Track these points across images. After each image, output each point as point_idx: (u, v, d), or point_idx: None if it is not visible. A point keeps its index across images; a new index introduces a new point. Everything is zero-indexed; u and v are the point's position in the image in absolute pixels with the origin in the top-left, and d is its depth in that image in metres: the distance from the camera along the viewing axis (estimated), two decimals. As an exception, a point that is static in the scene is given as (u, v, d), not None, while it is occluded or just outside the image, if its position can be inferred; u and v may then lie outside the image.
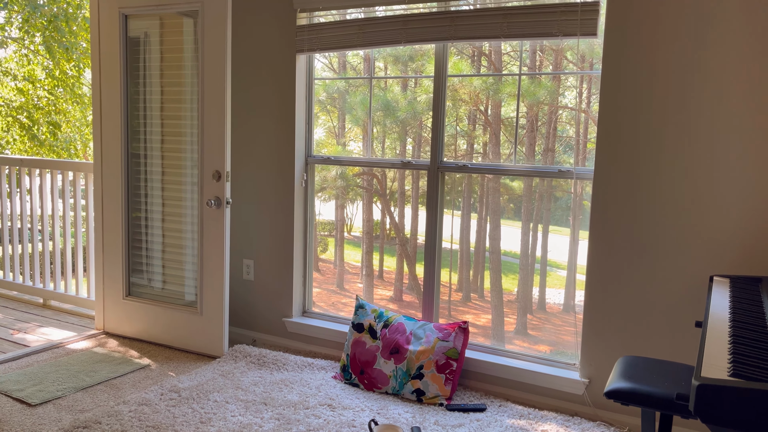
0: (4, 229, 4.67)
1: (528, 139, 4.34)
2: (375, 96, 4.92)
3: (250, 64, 3.65)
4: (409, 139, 5.29)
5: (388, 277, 5.67)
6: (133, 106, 3.64)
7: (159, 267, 3.68)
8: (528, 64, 4.85)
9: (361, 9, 3.34)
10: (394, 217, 5.67)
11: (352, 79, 5.09)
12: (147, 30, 3.57)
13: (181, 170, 3.54)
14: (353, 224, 6.34)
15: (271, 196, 3.67)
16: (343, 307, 5.56)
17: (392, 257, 5.70)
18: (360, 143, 5.65)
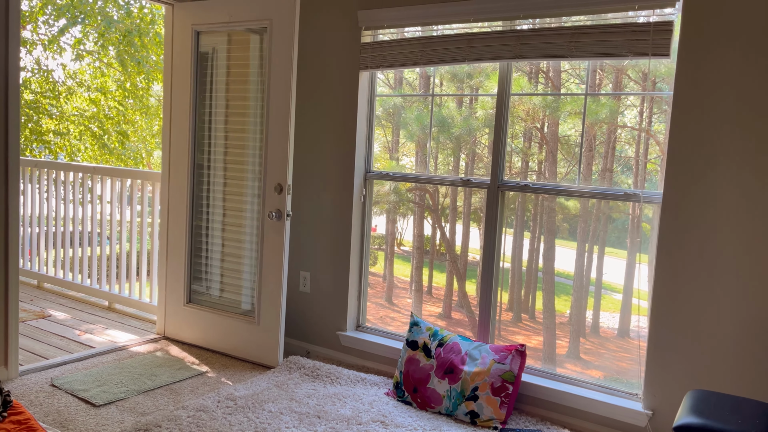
0: (75, 233, 4.88)
1: (586, 158, 4.25)
2: (430, 113, 4.90)
3: (314, 80, 3.73)
4: (462, 155, 5.25)
5: (437, 294, 5.61)
6: (199, 119, 3.76)
7: (218, 275, 3.77)
8: (588, 82, 4.77)
9: (426, 27, 3.36)
10: (445, 233, 5.59)
11: (410, 96, 5.09)
12: (215, 46, 3.69)
13: (243, 182, 3.62)
14: (403, 238, 6.34)
15: (330, 209, 3.72)
16: (391, 321, 5.52)
17: (441, 273, 5.64)
18: (412, 158, 5.70)
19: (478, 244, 5.19)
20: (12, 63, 2.97)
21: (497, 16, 3.07)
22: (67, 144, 10.34)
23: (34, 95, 9.98)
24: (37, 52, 10.43)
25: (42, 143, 10.14)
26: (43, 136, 10.12)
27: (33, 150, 10.26)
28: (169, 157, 3.85)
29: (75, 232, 4.90)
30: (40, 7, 9.39)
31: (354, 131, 3.59)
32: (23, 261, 5.21)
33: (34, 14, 9.55)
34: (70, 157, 10.59)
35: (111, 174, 4.66)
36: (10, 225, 3.05)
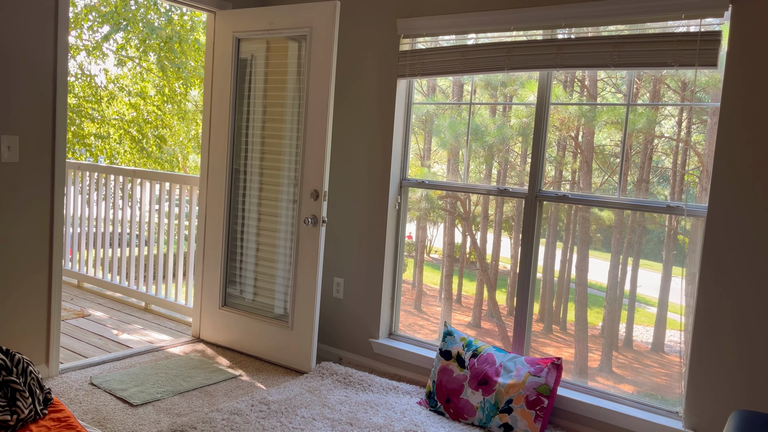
0: (114, 234, 4.99)
1: (621, 168, 4.19)
2: (464, 120, 4.90)
3: (351, 87, 3.75)
4: (494, 163, 5.21)
5: (466, 302, 5.54)
6: (237, 125, 3.81)
7: (252, 279, 3.80)
8: (630, 92, 4.69)
9: (464, 36, 3.35)
10: (476, 241, 5.55)
11: (445, 104, 5.09)
12: (254, 52, 3.74)
13: (279, 187, 3.66)
14: (433, 245, 6.31)
15: (365, 216, 3.72)
16: (419, 329, 5.50)
17: (471, 282, 5.59)
18: (444, 165, 5.70)
19: (508, 253, 5.21)
20: (60, 68, 3.06)
21: (537, 24, 3.04)
22: (107, 147, 10.60)
23: (77, 99, 10.27)
24: (81, 57, 10.74)
25: (83, 146, 10.42)
26: (84, 139, 10.40)
27: (75, 152, 10.55)
28: (208, 161, 3.92)
29: (114, 234, 5.01)
30: (85, 13, 9.67)
31: (390, 139, 3.60)
32: (64, 261, 5.35)
33: (78, 20, 9.84)
34: (109, 160, 10.86)
35: (150, 177, 4.75)
36: (54, 227, 3.13)
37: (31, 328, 3.09)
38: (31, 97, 2.97)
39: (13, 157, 2.93)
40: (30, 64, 2.94)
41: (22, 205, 2.99)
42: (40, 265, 3.10)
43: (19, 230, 2.99)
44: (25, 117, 2.96)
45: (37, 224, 3.06)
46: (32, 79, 2.96)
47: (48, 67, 3.01)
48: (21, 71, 2.91)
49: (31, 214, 3.03)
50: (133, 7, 9.39)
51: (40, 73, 2.98)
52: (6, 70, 2.86)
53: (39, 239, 3.08)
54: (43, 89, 3.01)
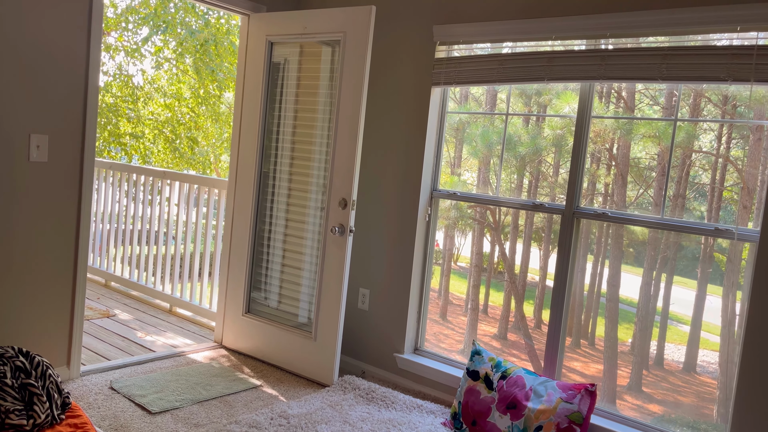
0: (142, 234, 4.99)
1: (658, 183, 4.04)
2: (497, 129, 4.85)
3: (384, 94, 3.66)
4: (525, 173, 5.12)
5: (493, 313, 5.44)
6: (268, 129, 3.75)
7: (276, 286, 3.73)
8: (662, 104, 4.53)
9: (503, 44, 3.23)
10: (505, 252, 5.46)
11: (480, 114, 4.98)
12: (287, 56, 3.68)
13: (307, 194, 3.58)
14: (460, 254, 6.24)
15: (393, 227, 3.62)
16: (444, 339, 5.39)
17: (498, 292, 5.49)
18: (474, 173, 5.66)
19: (537, 264, 5.12)
20: (92, 69, 3.04)
21: (581, 34, 2.91)
22: (141, 146, 10.73)
23: (114, 99, 10.42)
24: (120, 57, 10.90)
25: (119, 145, 10.57)
26: (120, 138, 10.54)
27: (110, 151, 10.70)
28: (237, 165, 3.87)
29: (142, 234, 5.01)
30: (126, 15, 9.81)
31: (422, 148, 3.49)
32: (93, 257, 5.37)
33: (119, 22, 9.99)
34: (143, 159, 10.99)
35: (179, 179, 4.74)
36: (81, 229, 3.11)
37: (53, 329, 3.07)
38: (62, 97, 2.95)
39: (42, 157, 2.92)
40: (62, 63, 2.92)
41: (49, 206, 2.97)
42: (65, 267, 3.08)
43: (45, 231, 2.98)
44: (55, 116, 2.94)
45: (63, 225, 3.04)
46: (64, 78, 2.94)
47: (80, 67, 2.99)
48: (52, 70, 2.90)
49: (57, 214, 3.01)
50: (171, 9, 9.50)
51: (71, 72, 2.96)
52: (37, 69, 2.85)
53: (65, 241, 3.05)
54: (74, 89, 2.99)
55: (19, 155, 2.84)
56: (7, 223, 2.84)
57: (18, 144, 2.83)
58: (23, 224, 2.89)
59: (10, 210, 2.84)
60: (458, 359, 3.54)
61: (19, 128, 2.82)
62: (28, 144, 2.86)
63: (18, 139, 2.83)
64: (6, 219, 2.83)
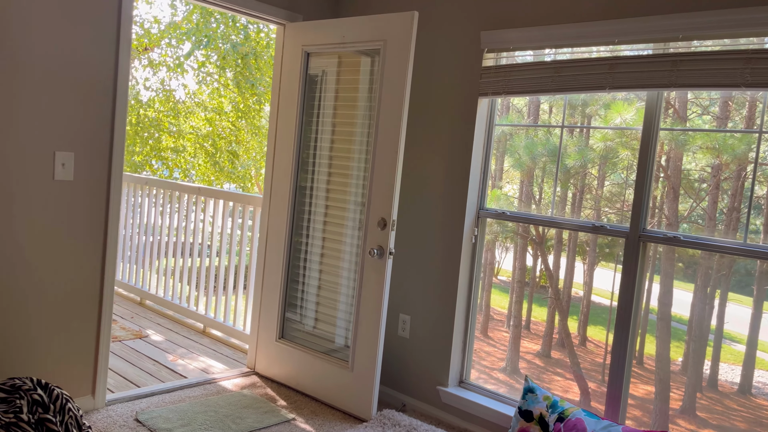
0: (176, 252, 4.86)
1: (711, 197, 3.78)
2: (541, 141, 4.68)
3: (426, 107, 3.41)
4: (570, 186, 4.93)
5: (535, 329, 5.22)
6: (304, 144, 3.56)
7: (312, 311, 3.51)
8: (719, 115, 4.25)
9: (558, 50, 2.95)
10: (548, 266, 5.28)
11: (533, 126, 4.74)
12: (324, 68, 3.49)
13: (345, 212, 3.36)
14: (501, 267, 6.08)
15: (436, 249, 3.36)
16: (485, 356, 5.16)
17: (541, 307, 5.30)
18: (516, 185, 5.51)
19: (581, 279, 4.94)
20: (120, 85, 2.89)
21: (648, 37, 2.61)
22: (181, 160, 10.76)
23: (156, 113, 10.49)
24: (162, 73, 11.00)
25: (160, 159, 10.62)
26: (161, 152, 10.60)
27: (152, 165, 10.77)
28: (272, 181, 3.68)
29: (177, 252, 4.88)
30: (168, 30, 9.88)
31: (468, 164, 3.23)
32: (128, 275, 5.28)
33: (162, 37, 10.07)
34: (184, 174, 11.02)
35: (214, 196, 4.59)
36: (107, 251, 2.95)
37: (78, 357, 2.91)
38: (88, 113, 2.81)
39: (68, 175, 2.78)
40: (89, 79, 2.79)
41: (74, 226, 2.82)
42: (91, 291, 2.92)
43: (70, 253, 2.83)
44: (81, 133, 2.80)
45: (89, 246, 2.89)
46: (91, 94, 2.80)
47: (108, 82, 2.85)
48: (79, 86, 2.76)
49: (83, 235, 2.86)
50: (213, 24, 9.51)
51: (99, 88, 2.83)
52: (64, 85, 2.71)
53: (91, 263, 2.90)
54: (101, 105, 2.85)
55: (44, 174, 2.71)
56: (30, 244, 2.70)
57: (42, 162, 2.70)
58: (47, 246, 2.75)
59: (33, 230, 2.70)
60: (502, 378, 3.24)
61: (43, 146, 2.69)
62: (53, 162, 2.73)
63: (42, 156, 2.70)
64: (29, 240, 2.69)
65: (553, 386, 5.25)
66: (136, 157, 10.42)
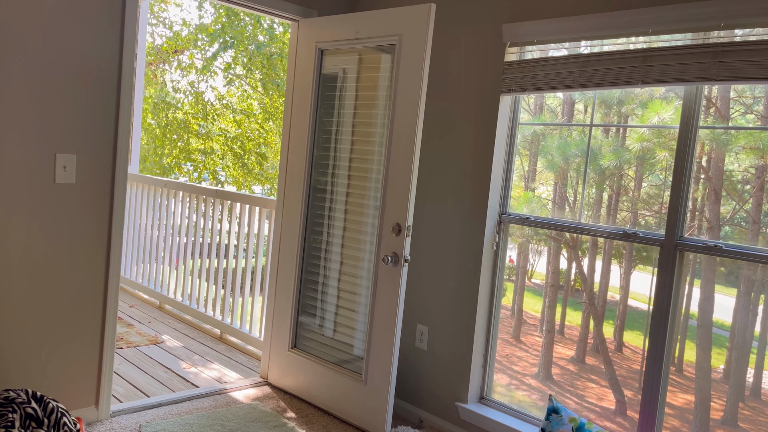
0: (195, 255, 4.77)
1: (755, 199, 3.57)
2: (575, 141, 4.47)
3: (445, 105, 3.22)
4: (605, 188, 4.77)
5: (569, 334, 4.98)
6: (320, 146, 3.40)
7: (325, 318, 3.35)
8: (763, 113, 4.01)
9: (589, 43, 2.73)
10: (582, 270, 5.05)
11: (560, 125, 4.51)
12: (346, 66, 3.33)
13: (362, 217, 3.20)
14: (535, 270, 5.86)
15: (455, 256, 3.17)
16: (517, 361, 5.05)
17: (575, 311, 5.03)
18: (549, 187, 5.23)
19: (617, 283, 4.77)
20: (124, 84, 2.79)
21: (686, 26, 2.37)
22: (210, 162, 10.77)
23: (185, 115, 10.52)
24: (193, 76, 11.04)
25: (189, 161, 10.65)
26: (191, 154, 10.62)
27: (182, 167, 10.81)
28: (285, 184, 3.54)
29: (195, 256, 4.79)
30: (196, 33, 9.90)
31: (489, 166, 3.03)
32: (147, 278, 5.22)
33: (192, 40, 10.10)
34: (212, 176, 11.03)
35: (231, 199, 4.48)
36: (111, 257, 2.85)
37: (80, 367, 2.81)
38: (91, 113, 2.71)
39: (69, 178, 2.68)
40: (90, 77, 2.68)
41: (76, 231, 2.72)
42: (94, 299, 2.82)
43: (72, 259, 2.73)
44: (83, 134, 2.70)
45: (92, 252, 2.78)
46: (93, 93, 2.70)
47: (111, 80, 2.74)
48: (80, 85, 2.66)
49: (85, 240, 2.76)
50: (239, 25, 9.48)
51: (101, 86, 2.72)
52: (64, 84, 2.62)
53: (93, 270, 2.80)
54: (105, 104, 2.74)
55: (44, 177, 2.61)
56: (29, 251, 2.60)
57: (42, 164, 2.60)
58: (47, 252, 2.65)
59: (32, 236, 2.61)
60: (534, 385, 3.02)
61: (43, 147, 2.60)
62: (53, 164, 2.63)
63: (43, 159, 2.60)
64: (29, 246, 2.60)
65: (587, 394, 5.05)
66: (166, 159, 10.47)
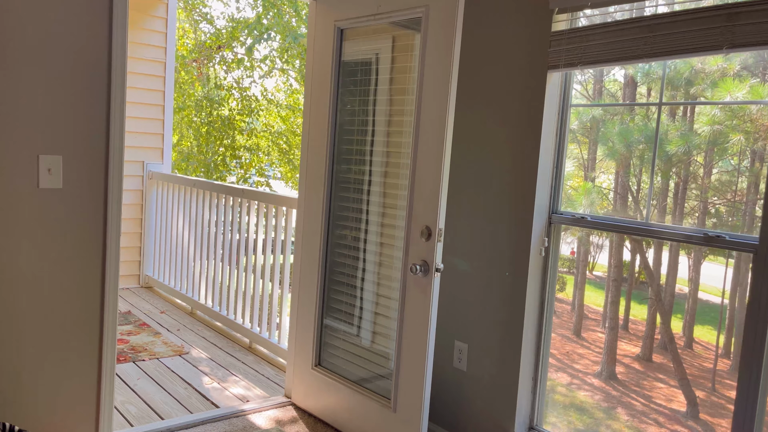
0: (224, 258, 4.50)
1: None
2: (637, 127, 4.18)
3: (480, 87, 2.77)
4: (672, 176, 4.50)
5: (634, 329, 4.77)
6: (342, 138, 3.01)
7: (353, 332, 2.98)
8: None
9: (655, 1, 2.22)
10: (648, 262, 4.84)
11: (622, 106, 4.08)
12: (368, 49, 2.92)
13: (393, 220, 2.80)
14: (596, 262, 5.62)
15: (495, 262, 2.72)
16: (578, 359, 4.72)
17: (640, 305, 4.83)
18: (611, 176, 4.93)
19: (686, 275, 4.58)
20: (115, 75, 2.48)
21: (786, -30, 1.84)
22: (255, 159, 10.61)
23: (230, 112, 10.39)
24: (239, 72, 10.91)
25: (235, 158, 10.51)
26: (236, 151, 10.48)
27: (227, 165, 10.69)
28: (305, 184, 3.18)
29: (224, 258, 4.52)
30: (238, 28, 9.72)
31: (536, 157, 2.56)
32: (179, 283, 4.99)
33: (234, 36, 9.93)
34: (259, 173, 10.88)
35: (258, 198, 4.16)
36: (107, 271, 2.55)
37: (75, 396, 2.53)
38: (78, 108, 2.41)
39: (55, 183, 2.40)
40: (75, 64, 2.38)
41: (65, 243, 2.44)
42: (89, 321, 2.53)
43: (62, 273, 2.45)
44: (70, 132, 2.41)
45: (85, 267, 2.49)
46: (80, 86, 2.40)
47: (100, 68, 2.44)
48: (63, 74, 2.37)
49: (76, 254, 2.47)
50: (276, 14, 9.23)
51: (88, 75, 2.42)
52: (47, 75, 2.33)
53: (87, 287, 2.51)
54: (93, 97, 2.44)
55: (26, 181, 2.34)
56: (10, 265, 2.33)
57: (23, 168, 2.33)
58: (32, 266, 2.38)
59: (13, 249, 2.34)
60: (597, 384, 2.55)
61: (23, 148, 2.32)
62: (36, 167, 2.35)
63: (23, 161, 2.32)
64: (9, 262, 2.33)
65: (654, 394, 4.63)
66: (214, 157, 10.35)
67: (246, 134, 10.37)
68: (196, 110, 9.84)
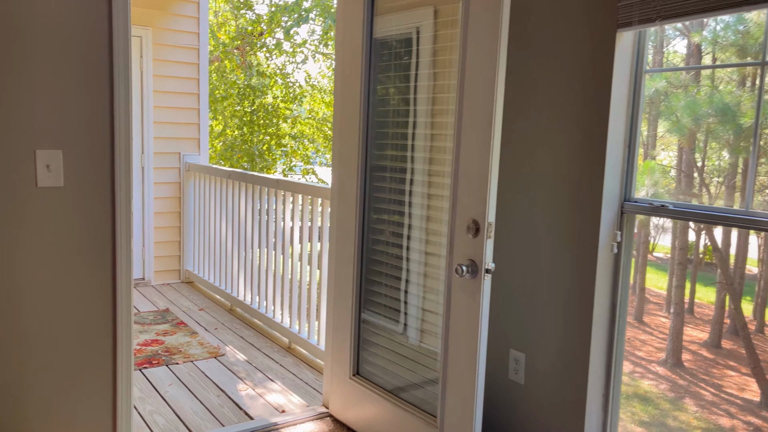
0: (262, 254, 4.26)
1: None
2: (704, 99, 3.97)
3: (534, 54, 2.36)
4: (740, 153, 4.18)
5: (700, 313, 4.51)
6: (377, 122, 2.67)
7: (395, 339, 2.65)
8: None
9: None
10: (715, 242, 4.55)
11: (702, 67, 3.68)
12: (419, 25, 2.56)
13: (439, 213, 2.45)
14: (657, 243, 5.33)
15: (557, 261, 2.33)
16: (640, 345, 4.47)
17: (706, 288, 4.56)
18: (672, 152, 4.59)
19: (756, 254, 4.33)
20: (117, 60, 2.21)
21: None
22: (301, 146, 10.40)
23: (274, 100, 10.19)
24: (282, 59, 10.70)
25: (280, 147, 10.33)
26: (281, 139, 10.30)
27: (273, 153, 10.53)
28: (339, 172, 2.86)
29: (262, 254, 4.28)
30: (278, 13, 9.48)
31: (604, 137, 2.15)
32: (219, 278, 4.80)
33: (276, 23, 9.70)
34: (305, 161, 10.68)
35: (293, 189, 3.89)
36: (117, 279, 2.31)
37: (87, 422, 2.31)
38: (78, 98, 2.16)
39: (56, 181, 2.16)
40: (72, 49, 2.13)
41: (68, 248, 2.20)
42: (101, 331, 2.30)
43: (66, 281, 2.22)
44: (69, 125, 2.16)
45: (92, 275, 2.26)
46: (78, 71, 2.15)
47: (100, 53, 2.18)
48: (60, 60, 2.11)
49: (81, 260, 2.23)
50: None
51: (88, 61, 2.16)
52: (44, 60, 2.08)
53: (95, 297, 2.28)
54: (94, 85, 2.19)
55: (23, 180, 2.11)
56: (7, 278, 2.11)
57: (19, 164, 2.09)
58: (32, 274, 2.16)
59: (9, 256, 2.11)
60: (662, 373, 2.15)
61: (18, 143, 2.08)
62: (34, 164, 2.12)
63: (19, 157, 2.09)
64: (6, 271, 2.11)
65: (725, 383, 4.27)
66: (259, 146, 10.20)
67: (290, 122, 10.16)
68: (240, 99, 9.68)
